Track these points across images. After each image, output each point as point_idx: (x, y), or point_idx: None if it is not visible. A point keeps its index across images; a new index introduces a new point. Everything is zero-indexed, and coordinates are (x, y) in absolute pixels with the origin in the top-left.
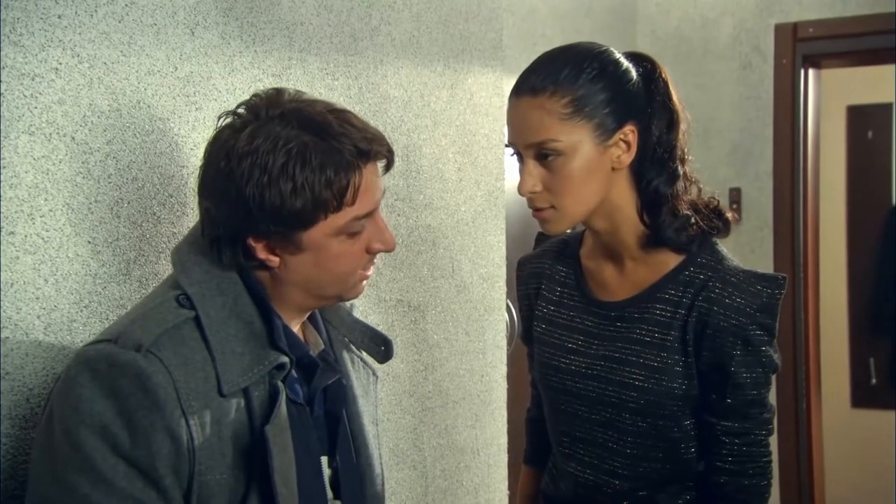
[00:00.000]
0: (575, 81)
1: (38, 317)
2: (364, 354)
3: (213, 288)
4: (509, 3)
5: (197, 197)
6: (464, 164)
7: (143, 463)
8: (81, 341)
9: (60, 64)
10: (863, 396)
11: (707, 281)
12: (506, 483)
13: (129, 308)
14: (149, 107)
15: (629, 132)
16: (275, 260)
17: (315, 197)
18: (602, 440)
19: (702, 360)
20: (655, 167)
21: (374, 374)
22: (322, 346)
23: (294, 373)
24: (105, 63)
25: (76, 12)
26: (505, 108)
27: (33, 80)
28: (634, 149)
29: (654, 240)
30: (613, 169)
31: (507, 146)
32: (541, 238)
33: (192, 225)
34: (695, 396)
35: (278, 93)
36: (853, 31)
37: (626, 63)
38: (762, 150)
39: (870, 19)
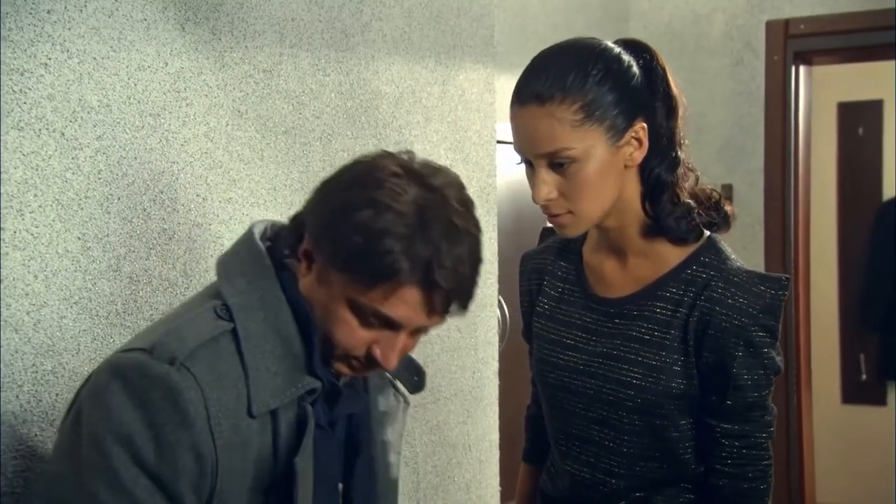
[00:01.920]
0: (583, 86)
1: (28, 313)
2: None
3: (256, 301)
4: (501, 0)
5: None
6: (455, 161)
7: (165, 479)
8: (71, 338)
9: (50, 59)
10: (853, 392)
11: (710, 280)
12: (497, 479)
13: (119, 304)
14: (139, 102)
15: (640, 129)
16: (304, 264)
17: (354, 267)
18: (598, 438)
19: (702, 360)
20: (658, 156)
21: (405, 401)
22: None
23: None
24: (95, 58)
25: (66, 7)
26: (496, 104)
27: (22, 75)
28: (646, 144)
29: (654, 228)
30: (626, 167)
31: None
32: (545, 234)
33: (182, 221)
34: (693, 397)
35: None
36: (844, 28)
37: (626, 58)
38: (753, 147)
39: (861, 16)
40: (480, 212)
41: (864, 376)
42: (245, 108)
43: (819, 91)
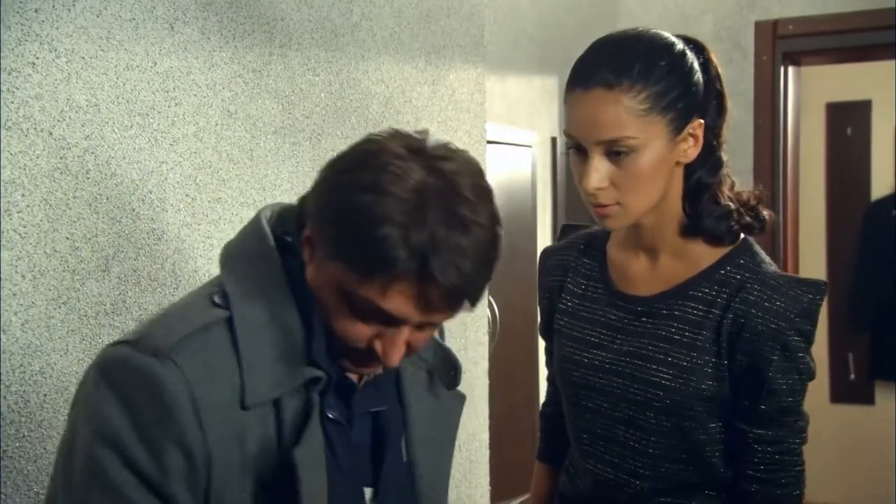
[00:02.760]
0: (651, 76)
1: (16, 313)
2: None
3: (256, 288)
4: (491, 0)
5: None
6: None
7: (155, 479)
8: (59, 338)
9: (37, 58)
10: (842, 392)
11: (744, 282)
12: (487, 479)
13: (107, 305)
14: (127, 102)
15: (697, 126)
16: (307, 252)
17: (353, 254)
18: (624, 438)
19: (736, 362)
20: (702, 156)
21: (458, 397)
22: (377, 371)
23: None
24: (83, 58)
25: (53, 6)
26: (486, 104)
27: (10, 74)
28: (701, 142)
29: (692, 228)
30: (677, 163)
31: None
32: (566, 230)
33: (171, 221)
34: (723, 399)
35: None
36: (833, 29)
37: (690, 55)
38: (743, 147)
39: (850, 17)
40: None
41: (852, 376)
42: (234, 107)
43: (808, 91)
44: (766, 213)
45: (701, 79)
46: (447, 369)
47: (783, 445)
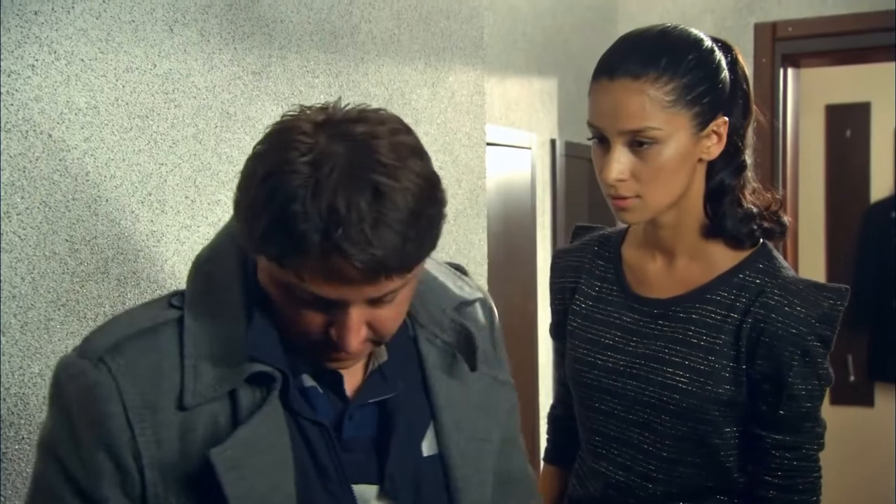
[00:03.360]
0: (678, 68)
1: (15, 315)
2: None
3: (213, 286)
4: (490, 1)
5: None
6: (445, 163)
7: (85, 484)
8: (58, 340)
9: (37, 61)
10: (841, 393)
11: (764, 287)
12: None
13: (107, 307)
14: (127, 104)
15: (721, 123)
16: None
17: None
18: (637, 441)
19: (755, 368)
20: (724, 157)
21: (498, 381)
22: (384, 358)
23: (319, 387)
24: (82, 60)
25: (53, 9)
26: (485, 105)
27: (9, 76)
28: (724, 140)
29: (713, 229)
30: (699, 160)
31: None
32: (579, 231)
33: (170, 223)
34: (740, 404)
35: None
36: (832, 31)
37: (718, 52)
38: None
39: (848, 19)
40: (469, 213)
41: (851, 377)
42: (234, 109)
43: (807, 93)
44: (787, 218)
45: (728, 77)
46: (471, 350)
47: (801, 451)
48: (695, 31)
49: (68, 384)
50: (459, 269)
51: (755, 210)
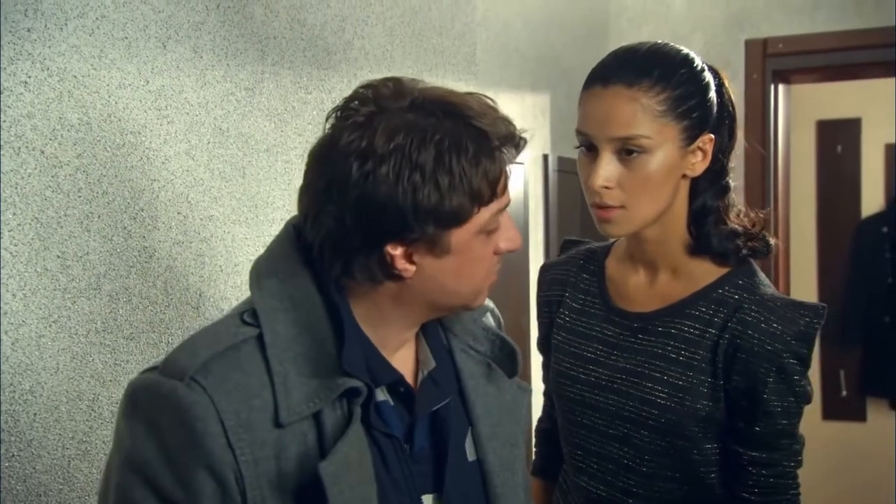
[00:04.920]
0: (670, 80)
1: (6, 332)
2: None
3: (287, 301)
4: (483, 18)
5: (310, 207)
6: None
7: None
8: (50, 357)
9: (30, 77)
10: (833, 408)
11: (742, 302)
12: None
13: (98, 323)
14: (119, 120)
15: (708, 140)
16: (411, 269)
17: (473, 190)
18: (617, 456)
19: (732, 384)
20: (708, 178)
21: (521, 388)
22: (433, 365)
23: (390, 400)
24: (75, 76)
25: (46, 25)
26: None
27: (2, 93)
28: (709, 158)
29: (698, 247)
30: (684, 176)
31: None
32: (567, 245)
33: (163, 239)
34: (718, 420)
35: (397, 81)
36: (822, 48)
37: (708, 73)
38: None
39: (839, 36)
40: None
41: (844, 392)
42: (227, 126)
43: (798, 109)
44: (772, 240)
45: (715, 98)
46: (505, 357)
47: (778, 469)
48: (686, 49)
49: (154, 404)
50: None
51: (740, 229)
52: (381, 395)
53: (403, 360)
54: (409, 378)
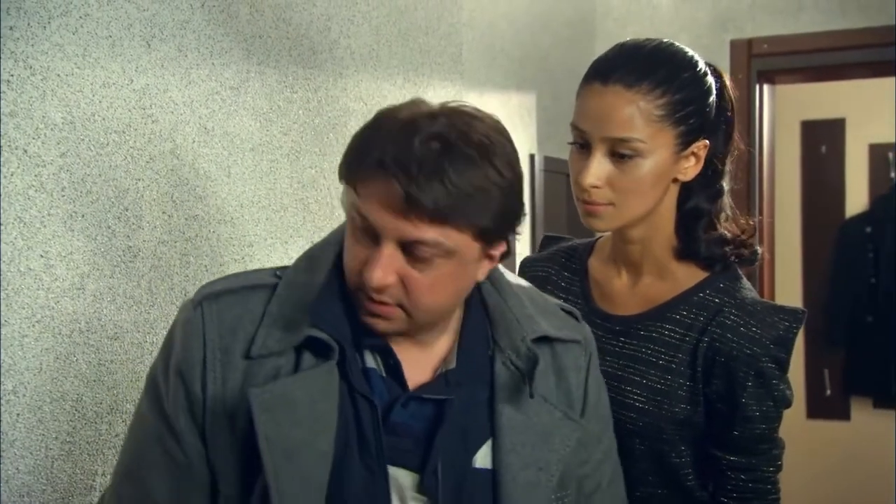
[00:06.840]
0: (671, 85)
1: None
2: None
3: (307, 260)
4: (469, 18)
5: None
6: None
7: (170, 414)
8: (33, 357)
9: (12, 76)
10: (818, 407)
11: (722, 306)
12: None
13: (82, 323)
14: (103, 119)
15: (702, 146)
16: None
17: None
18: None
19: (711, 388)
20: (701, 182)
21: (568, 417)
22: (452, 366)
23: (382, 371)
24: (59, 75)
25: (28, 24)
26: None
27: None
28: (702, 163)
29: (684, 252)
30: (674, 180)
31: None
32: (548, 241)
33: (147, 238)
34: (697, 424)
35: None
36: (807, 48)
37: (710, 77)
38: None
39: (823, 36)
40: None
41: (828, 391)
42: (212, 125)
43: (782, 110)
44: (759, 248)
45: (715, 102)
46: (529, 366)
47: (757, 473)
48: (690, 50)
49: (175, 323)
50: (571, 314)
51: (728, 235)
52: (371, 362)
53: (431, 353)
54: (429, 372)
